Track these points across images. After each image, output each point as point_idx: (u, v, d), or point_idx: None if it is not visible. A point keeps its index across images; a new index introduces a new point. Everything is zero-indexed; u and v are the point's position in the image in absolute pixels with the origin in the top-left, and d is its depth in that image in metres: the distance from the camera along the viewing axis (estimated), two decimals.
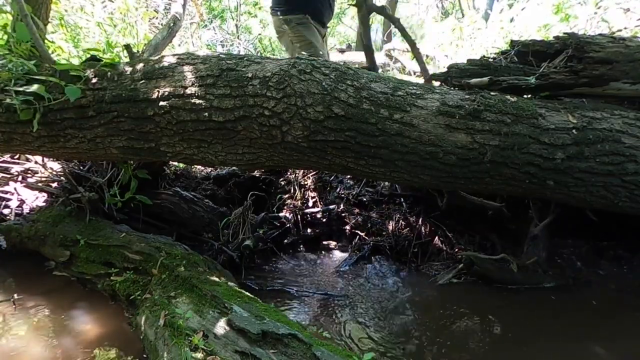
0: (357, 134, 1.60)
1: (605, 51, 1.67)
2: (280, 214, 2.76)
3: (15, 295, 1.94)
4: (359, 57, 6.45)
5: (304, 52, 2.94)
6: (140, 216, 2.44)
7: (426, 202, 2.59)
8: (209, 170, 3.11)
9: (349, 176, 2.80)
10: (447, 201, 2.52)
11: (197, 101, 1.66)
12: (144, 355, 1.53)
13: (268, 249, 2.56)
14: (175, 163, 2.92)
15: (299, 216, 2.73)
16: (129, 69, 1.81)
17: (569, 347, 1.66)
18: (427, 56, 6.02)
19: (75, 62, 3.13)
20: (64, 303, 1.92)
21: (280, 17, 3.05)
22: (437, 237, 2.51)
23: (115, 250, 1.97)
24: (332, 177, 2.93)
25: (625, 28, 3.66)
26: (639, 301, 1.98)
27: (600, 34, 1.90)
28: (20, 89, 1.76)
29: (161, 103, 1.69)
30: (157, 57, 1.89)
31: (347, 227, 2.71)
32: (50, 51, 2.81)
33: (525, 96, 1.83)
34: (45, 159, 2.68)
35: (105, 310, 1.88)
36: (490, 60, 1.94)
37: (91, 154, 1.97)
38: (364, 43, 3.12)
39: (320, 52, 3.11)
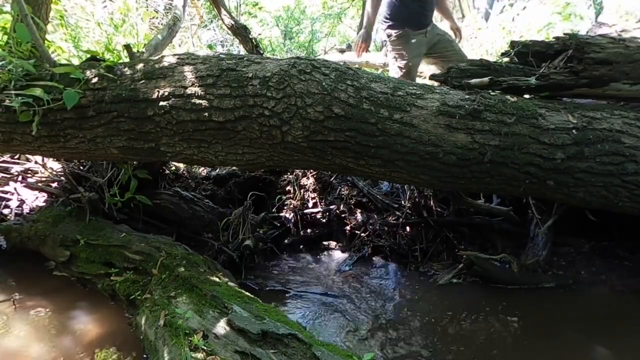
0: (357, 134, 1.60)
1: (605, 52, 1.67)
2: (280, 214, 2.76)
3: (16, 295, 1.94)
4: (359, 57, 6.43)
5: (396, 74, 2.95)
6: (140, 216, 2.44)
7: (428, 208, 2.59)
8: (209, 170, 3.11)
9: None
10: (453, 209, 2.52)
11: (197, 101, 1.66)
12: (144, 355, 1.53)
13: (268, 249, 2.56)
14: (175, 163, 2.92)
15: (299, 216, 2.73)
16: (129, 69, 1.81)
17: (569, 346, 1.67)
18: None
19: (75, 62, 3.13)
20: (64, 303, 1.93)
21: (385, 30, 2.98)
22: (438, 239, 2.51)
23: (115, 250, 1.97)
24: (333, 178, 2.93)
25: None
26: (638, 301, 1.98)
27: (600, 35, 1.90)
28: (20, 91, 1.76)
29: (161, 103, 1.69)
30: (157, 57, 1.89)
31: (347, 228, 2.71)
32: (50, 51, 2.81)
33: (525, 96, 1.83)
34: (45, 159, 2.67)
35: (105, 310, 1.88)
36: (490, 60, 1.94)
37: (91, 154, 1.96)
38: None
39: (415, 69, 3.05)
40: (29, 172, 2.70)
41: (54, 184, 2.60)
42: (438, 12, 3.17)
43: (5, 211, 2.52)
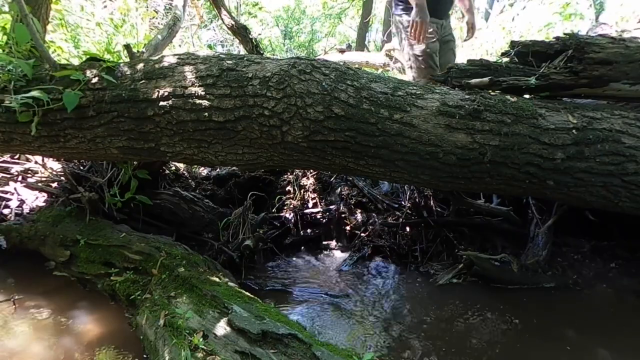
0: (357, 134, 1.61)
1: (605, 52, 1.67)
2: (280, 214, 2.76)
3: (15, 295, 1.94)
4: (359, 57, 6.45)
5: (414, 63, 2.86)
6: (140, 216, 2.44)
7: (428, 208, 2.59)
8: (209, 170, 3.11)
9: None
10: (453, 209, 2.52)
11: (197, 101, 1.67)
12: (144, 355, 1.53)
13: (268, 249, 2.56)
14: (175, 163, 2.92)
15: (299, 216, 2.73)
16: (129, 69, 1.81)
17: (568, 346, 1.66)
18: None
19: (75, 62, 3.13)
20: (64, 303, 1.92)
21: (400, 16, 2.86)
22: (438, 239, 2.51)
23: (115, 250, 1.97)
24: (333, 178, 2.93)
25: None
26: (638, 301, 1.98)
27: (600, 35, 1.90)
28: (20, 94, 1.75)
29: (161, 103, 1.69)
30: (157, 57, 1.89)
31: (347, 228, 2.71)
32: (50, 51, 2.81)
33: (525, 96, 1.83)
34: (45, 159, 2.67)
35: (105, 310, 1.88)
36: (490, 60, 1.94)
37: (91, 154, 1.97)
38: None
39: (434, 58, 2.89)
40: (29, 172, 2.70)
41: (54, 184, 2.60)
42: (459, 3, 3.12)
43: (5, 211, 2.52)
